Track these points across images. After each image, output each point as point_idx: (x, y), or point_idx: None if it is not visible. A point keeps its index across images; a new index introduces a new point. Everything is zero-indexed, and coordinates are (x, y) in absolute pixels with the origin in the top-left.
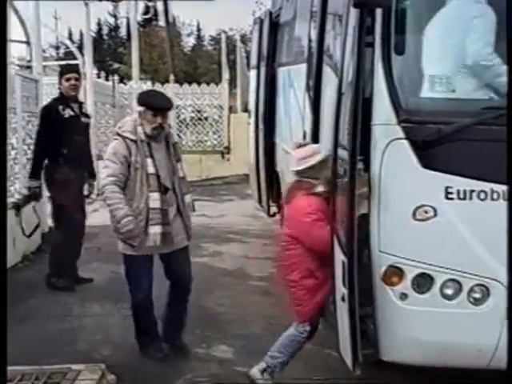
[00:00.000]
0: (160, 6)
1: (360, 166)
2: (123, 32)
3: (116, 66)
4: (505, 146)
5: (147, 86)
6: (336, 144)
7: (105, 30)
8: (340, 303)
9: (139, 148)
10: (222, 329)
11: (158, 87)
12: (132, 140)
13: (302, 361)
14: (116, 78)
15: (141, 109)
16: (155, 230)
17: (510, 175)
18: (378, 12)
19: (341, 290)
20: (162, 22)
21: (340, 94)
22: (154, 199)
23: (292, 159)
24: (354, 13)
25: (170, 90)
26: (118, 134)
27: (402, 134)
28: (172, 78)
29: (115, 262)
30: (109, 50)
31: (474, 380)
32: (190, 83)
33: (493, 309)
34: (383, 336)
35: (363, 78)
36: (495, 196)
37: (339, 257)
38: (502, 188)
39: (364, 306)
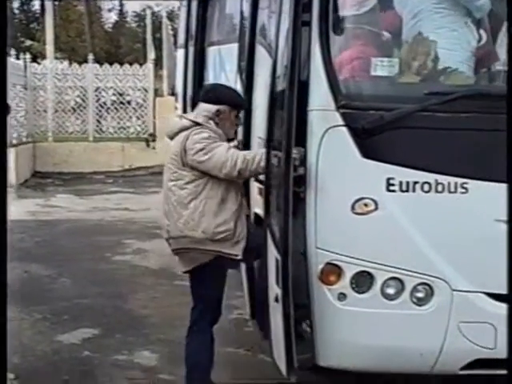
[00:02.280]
0: None
1: (295, 155)
2: (36, 5)
3: (28, 43)
4: (451, 134)
5: (63, 65)
6: (270, 131)
7: (15, 3)
8: (273, 304)
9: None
10: (145, 333)
11: (75, 68)
12: (217, 134)
13: (230, 366)
14: (28, 56)
15: (221, 107)
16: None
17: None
18: None
19: (274, 289)
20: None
21: (274, 77)
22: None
23: None
24: None
25: (89, 70)
26: (198, 124)
27: (340, 121)
28: (91, 57)
29: (28, 261)
30: (20, 26)
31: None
32: (111, 63)
33: (437, 309)
34: (320, 340)
35: (299, 60)
36: (440, 188)
37: (272, 253)
38: (448, 179)
39: (299, 307)
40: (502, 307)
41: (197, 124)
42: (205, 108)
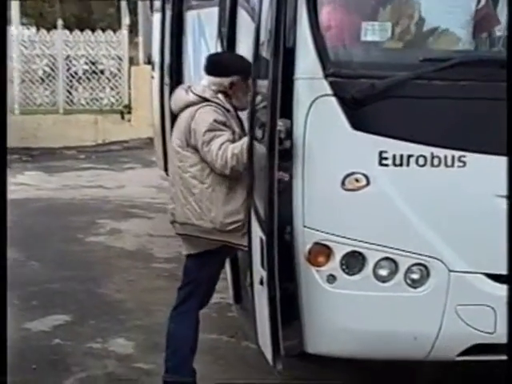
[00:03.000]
0: None
1: (280, 127)
2: None
3: None
4: (447, 103)
5: (30, 32)
6: (254, 101)
7: None
8: (258, 287)
9: (229, 118)
10: (120, 319)
11: (43, 34)
12: (225, 108)
13: (213, 355)
14: None
15: (234, 79)
16: None
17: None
18: None
19: (259, 271)
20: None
21: (258, 43)
22: None
23: None
24: None
25: (59, 37)
26: (206, 99)
27: (329, 90)
28: (60, 23)
29: None
30: None
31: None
32: (82, 30)
33: (433, 291)
34: (308, 325)
35: (284, 24)
36: (436, 162)
37: (257, 233)
38: (444, 152)
39: (286, 290)
40: (503, 288)
41: (204, 100)
42: (214, 81)
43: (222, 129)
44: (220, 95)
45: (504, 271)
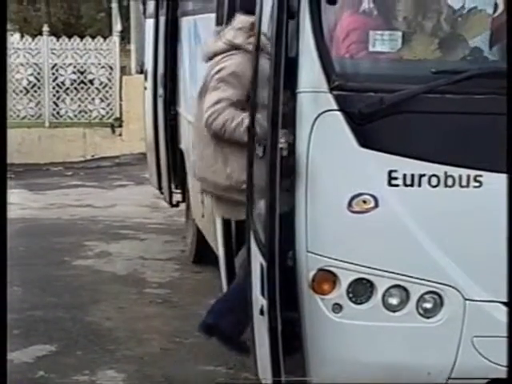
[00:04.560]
0: None
1: (283, 144)
2: None
3: None
4: (462, 118)
5: (14, 39)
6: (254, 116)
7: None
8: (258, 317)
9: None
10: (109, 350)
11: (28, 41)
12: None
13: None
14: None
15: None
16: None
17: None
18: None
19: (259, 300)
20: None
21: (258, 53)
22: None
23: None
24: None
25: (45, 44)
26: (237, 47)
27: (334, 105)
28: (46, 29)
29: None
30: None
31: None
32: (70, 37)
33: (447, 321)
34: (312, 357)
35: (287, 33)
36: (450, 182)
37: (256, 258)
38: (459, 172)
39: (288, 320)
40: None
41: (234, 47)
42: (249, 21)
43: (234, 85)
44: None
45: None
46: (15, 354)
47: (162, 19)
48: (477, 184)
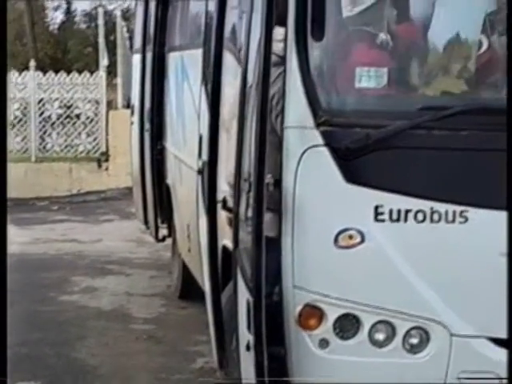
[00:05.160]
0: None
1: (269, 179)
2: None
3: None
4: (448, 154)
5: None
6: (240, 151)
7: None
8: (244, 353)
9: None
10: None
11: (14, 76)
12: None
13: None
14: None
15: None
16: None
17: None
18: None
19: (245, 335)
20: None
21: (244, 88)
22: None
23: None
24: None
25: (31, 79)
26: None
27: (321, 140)
28: (33, 64)
29: None
30: None
31: None
32: (56, 71)
33: (433, 357)
34: None
35: (273, 69)
36: (436, 217)
37: (243, 294)
38: (445, 207)
39: (274, 355)
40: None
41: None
42: None
43: None
44: None
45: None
46: None
47: (149, 54)
48: (462, 219)
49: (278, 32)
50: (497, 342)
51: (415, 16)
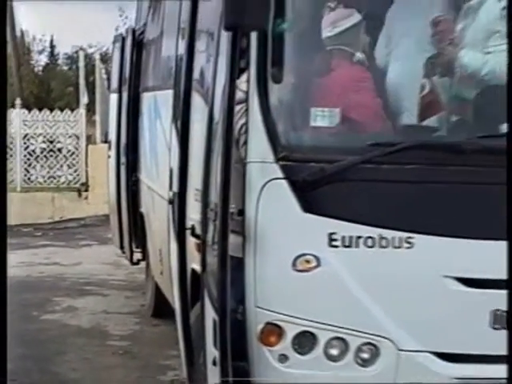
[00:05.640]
0: None
1: (233, 209)
2: None
3: None
4: (395, 186)
5: None
6: (206, 183)
7: None
8: (211, 367)
9: None
10: None
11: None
12: None
13: None
14: None
15: None
16: None
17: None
18: (253, 34)
19: (212, 351)
20: (7, 36)
21: (211, 126)
22: None
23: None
24: (226, 34)
25: (17, 116)
26: None
27: (280, 174)
28: (19, 102)
29: None
30: None
31: None
32: (40, 109)
33: (383, 370)
34: None
35: (236, 109)
36: (384, 243)
37: (210, 313)
38: (392, 234)
39: (239, 370)
40: (450, 367)
41: None
42: None
43: None
44: None
45: (453, 350)
46: None
47: (125, 94)
48: (408, 245)
49: (242, 75)
50: (441, 356)
51: (364, 59)
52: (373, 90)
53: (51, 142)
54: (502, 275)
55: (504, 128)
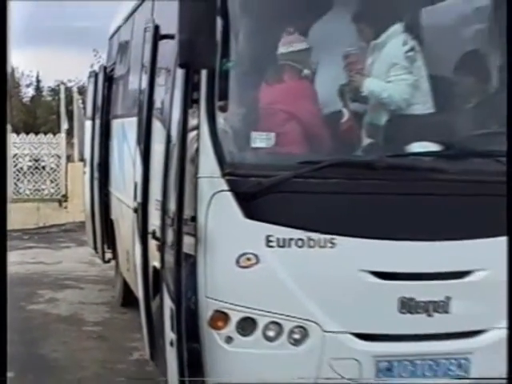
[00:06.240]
0: None
1: (186, 216)
2: None
3: None
4: (320, 196)
5: None
6: (165, 195)
7: None
8: (169, 348)
9: None
10: (55, 374)
11: None
12: None
13: None
14: None
15: None
16: None
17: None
18: (204, 71)
19: (169, 335)
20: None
21: (168, 148)
22: None
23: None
24: (180, 71)
25: (7, 139)
26: None
27: (225, 187)
28: (9, 127)
29: None
30: None
31: None
32: (27, 133)
33: (311, 348)
34: (211, 377)
35: (190, 133)
36: (312, 243)
37: (167, 303)
38: (318, 236)
39: (192, 350)
40: (366, 345)
41: None
42: None
43: None
44: None
45: (368, 331)
46: None
47: (98, 121)
48: (331, 245)
49: (194, 105)
50: (357, 335)
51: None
52: (302, 118)
53: (36, 161)
54: (408, 269)
55: (409, 148)
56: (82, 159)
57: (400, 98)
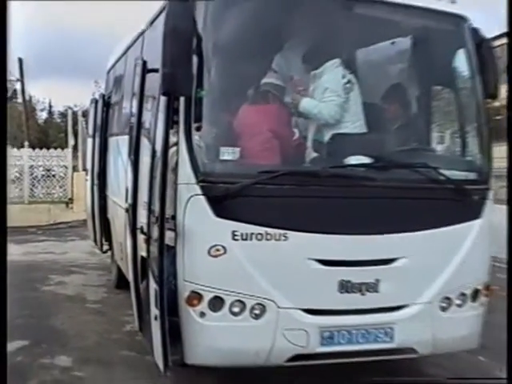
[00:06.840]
0: (18, 86)
1: (168, 215)
2: None
3: None
4: (276, 199)
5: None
6: (151, 198)
7: None
8: (153, 321)
9: None
10: (63, 343)
11: (14, 151)
12: None
13: (126, 365)
14: None
15: None
16: None
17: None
18: (182, 98)
19: (154, 311)
20: (19, 100)
21: (153, 160)
22: None
23: None
24: (163, 98)
25: (25, 153)
26: None
27: (199, 191)
28: (27, 143)
29: None
30: None
31: None
32: (41, 148)
33: (268, 321)
34: (188, 345)
35: (171, 149)
36: (269, 237)
37: (152, 285)
38: (274, 231)
39: (172, 323)
40: (313, 318)
41: None
42: None
43: None
44: None
45: (314, 306)
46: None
47: (97, 138)
48: (284, 238)
49: (174, 126)
50: (305, 311)
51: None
52: (262, 135)
53: (48, 170)
54: (346, 257)
55: (347, 161)
56: (84, 169)
57: (328, 115)
